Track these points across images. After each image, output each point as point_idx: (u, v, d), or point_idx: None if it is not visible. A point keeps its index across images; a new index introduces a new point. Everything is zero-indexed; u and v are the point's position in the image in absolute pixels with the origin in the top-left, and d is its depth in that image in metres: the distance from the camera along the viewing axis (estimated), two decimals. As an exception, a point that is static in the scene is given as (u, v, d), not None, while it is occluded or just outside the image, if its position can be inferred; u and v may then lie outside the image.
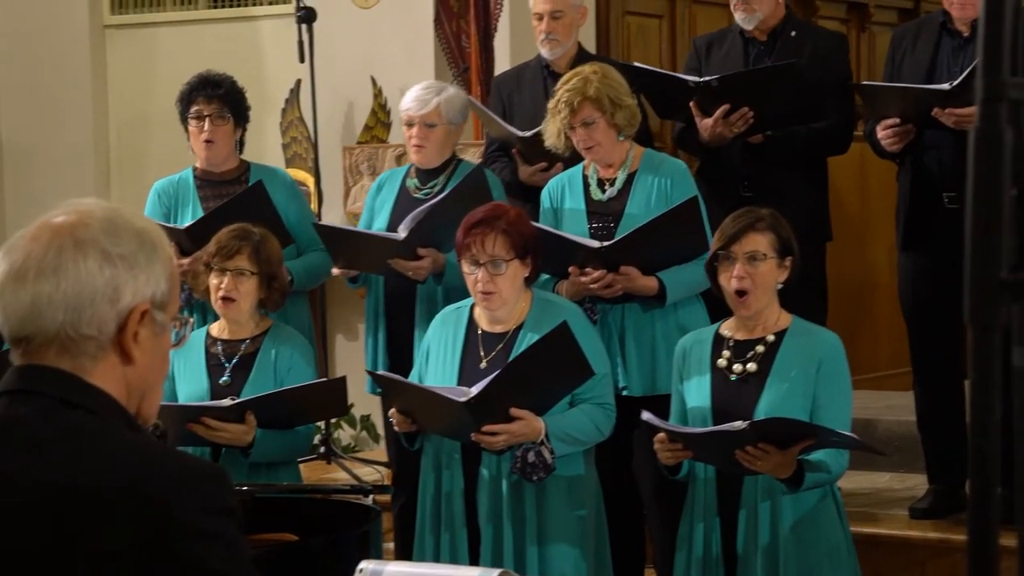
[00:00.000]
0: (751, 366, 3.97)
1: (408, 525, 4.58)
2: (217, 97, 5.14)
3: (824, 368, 3.91)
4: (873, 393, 6.54)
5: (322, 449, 6.03)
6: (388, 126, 6.88)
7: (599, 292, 4.58)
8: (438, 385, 4.15)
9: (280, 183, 5.25)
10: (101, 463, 1.81)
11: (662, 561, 4.65)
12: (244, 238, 4.45)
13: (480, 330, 4.22)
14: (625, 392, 4.60)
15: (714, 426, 3.88)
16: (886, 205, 6.32)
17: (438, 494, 4.18)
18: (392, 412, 4.17)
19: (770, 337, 3.99)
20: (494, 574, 2.82)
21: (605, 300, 4.63)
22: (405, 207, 4.98)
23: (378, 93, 6.86)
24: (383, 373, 4.24)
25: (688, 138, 5.23)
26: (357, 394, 5.43)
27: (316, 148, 6.49)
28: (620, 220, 4.68)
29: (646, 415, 3.96)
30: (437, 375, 4.21)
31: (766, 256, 3.93)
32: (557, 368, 4.04)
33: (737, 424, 3.77)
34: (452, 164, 5.10)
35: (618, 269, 4.54)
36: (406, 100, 5.07)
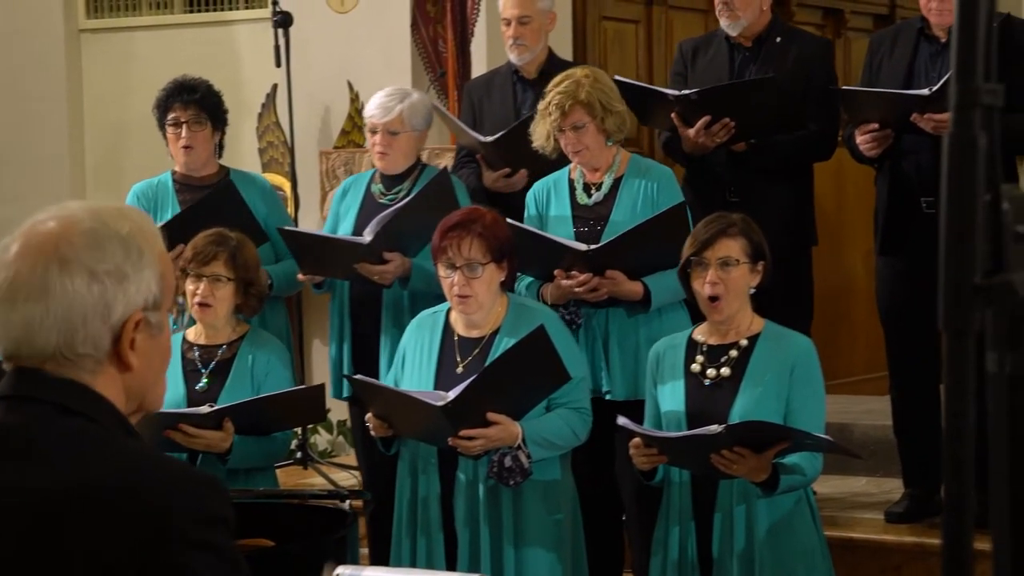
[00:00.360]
0: (725, 371, 3.98)
1: (380, 530, 4.57)
2: (193, 102, 5.13)
3: (797, 372, 3.93)
4: (850, 398, 6.56)
5: (299, 454, 6.02)
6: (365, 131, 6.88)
7: (584, 296, 4.58)
8: (414, 390, 4.15)
9: (259, 189, 5.25)
10: (99, 469, 1.81)
11: (640, 566, 4.66)
12: (221, 244, 4.43)
13: (456, 335, 4.22)
14: (608, 396, 4.61)
15: (689, 430, 3.89)
16: (863, 210, 6.34)
17: (414, 499, 4.17)
18: (369, 417, 4.17)
19: (743, 342, 4.00)
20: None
21: (589, 304, 4.63)
22: (370, 212, 4.98)
23: (355, 98, 6.85)
24: (361, 377, 4.23)
25: (674, 146, 5.24)
26: (334, 399, 5.43)
27: (292, 153, 6.48)
28: (606, 225, 4.69)
29: (622, 420, 3.97)
30: (413, 380, 4.21)
31: (739, 262, 3.94)
32: (534, 372, 4.04)
33: (713, 428, 3.78)
34: (417, 169, 5.11)
35: (604, 273, 4.55)
36: (369, 107, 5.08)
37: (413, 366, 4.23)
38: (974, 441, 1.34)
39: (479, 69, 6.34)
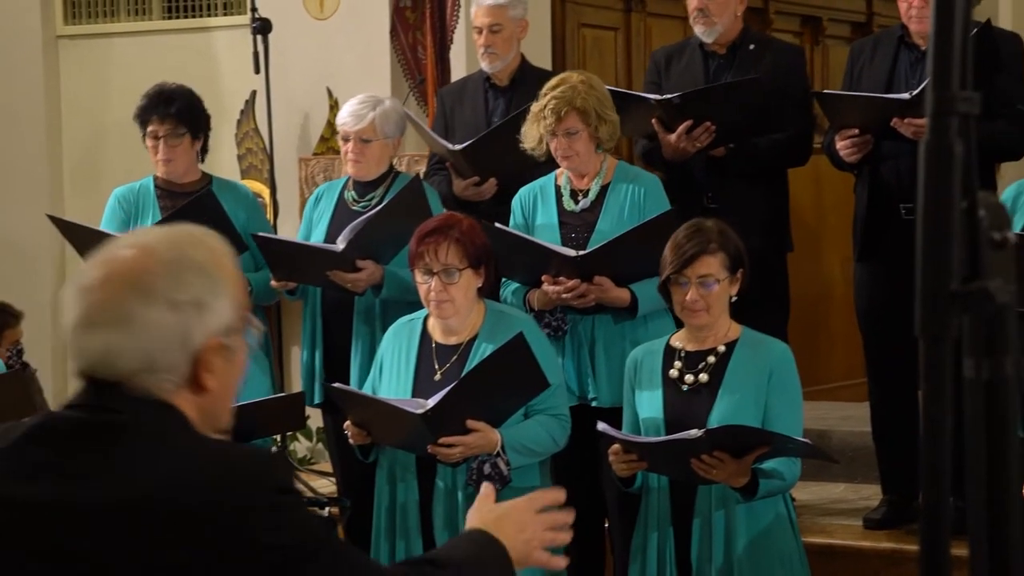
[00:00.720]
0: (703, 376, 3.98)
1: (355, 537, 4.56)
2: (170, 116, 5.11)
3: (775, 378, 3.94)
4: (828, 404, 6.58)
5: (278, 462, 6.00)
6: (344, 138, 6.87)
7: (571, 302, 4.58)
8: (393, 397, 4.15)
9: (241, 198, 5.24)
10: (172, 473, 1.87)
11: (621, 572, 4.65)
12: None
13: (434, 342, 4.21)
14: (595, 403, 4.61)
15: (669, 435, 3.90)
16: (841, 217, 6.36)
17: (393, 506, 4.17)
18: (347, 425, 4.16)
19: (721, 348, 4.00)
20: None
21: (576, 310, 4.64)
22: (343, 219, 4.98)
23: (334, 104, 6.84)
24: (339, 386, 4.23)
25: (654, 155, 5.25)
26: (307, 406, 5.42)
27: (271, 159, 6.47)
28: (592, 232, 4.69)
29: (602, 426, 3.97)
30: (391, 387, 4.20)
31: (719, 280, 3.95)
32: (513, 380, 4.04)
33: (693, 432, 3.78)
34: (390, 177, 5.11)
35: (591, 279, 4.55)
36: (342, 115, 5.09)
37: (391, 373, 4.23)
38: (951, 447, 1.35)
39: (458, 76, 6.34)
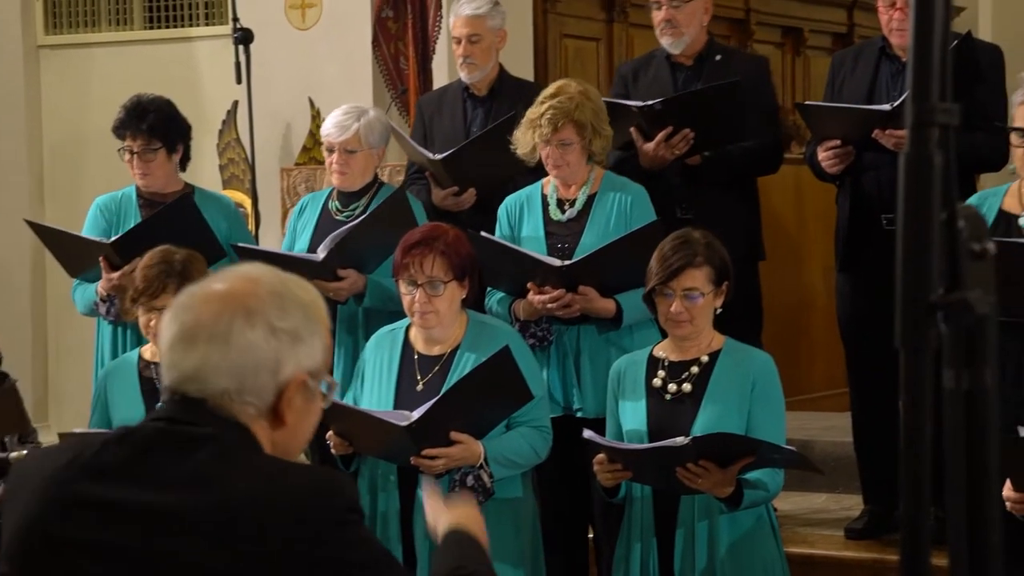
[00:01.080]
0: (686, 386, 3.99)
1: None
2: (142, 131, 5.09)
3: (758, 388, 3.94)
4: (809, 414, 6.59)
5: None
6: (326, 148, 6.86)
7: (556, 312, 4.58)
8: (374, 408, 4.14)
9: (223, 208, 5.22)
10: (248, 486, 1.95)
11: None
12: (168, 273, 4.35)
13: (416, 352, 4.21)
14: (580, 414, 4.61)
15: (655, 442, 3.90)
16: (822, 226, 6.38)
17: (374, 515, 4.16)
18: (329, 435, 4.16)
19: (704, 358, 4.01)
20: None
21: (561, 321, 4.64)
22: (326, 229, 4.97)
23: (316, 114, 6.84)
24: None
25: (625, 164, 5.25)
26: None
27: (253, 169, 6.46)
28: (578, 242, 4.69)
29: (587, 433, 3.97)
30: (373, 397, 4.19)
31: (704, 293, 3.95)
32: (498, 392, 4.04)
33: (679, 440, 3.78)
34: (374, 187, 5.11)
35: (576, 289, 4.55)
36: (326, 126, 5.08)
37: (372, 383, 4.22)
38: (931, 458, 1.35)
39: (440, 86, 6.35)
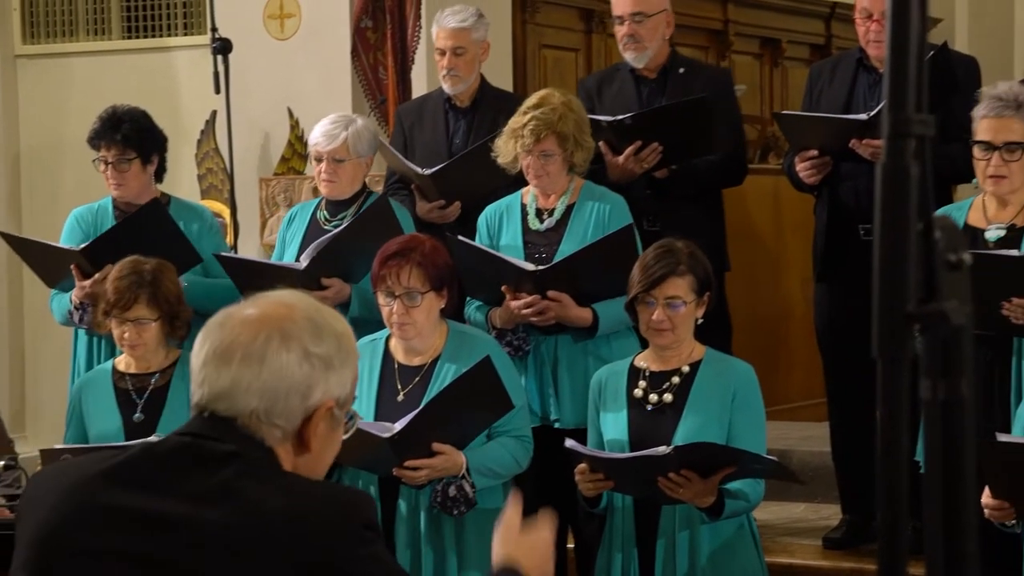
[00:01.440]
0: (667, 396, 3.99)
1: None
2: (116, 142, 5.08)
3: (739, 398, 3.95)
4: (787, 424, 6.60)
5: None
6: (305, 157, 6.86)
7: (531, 318, 4.58)
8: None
9: (196, 217, 5.20)
10: (271, 502, 1.97)
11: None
12: (139, 284, 4.34)
13: (396, 362, 4.20)
14: (557, 424, 4.60)
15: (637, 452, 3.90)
16: (800, 237, 6.39)
17: (355, 527, 4.15)
18: (309, 446, 4.15)
19: (685, 368, 4.01)
20: None
21: (538, 330, 4.63)
22: (315, 239, 4.96)
23: (295, 124, 6.83)
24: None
25: (593, 177, 5.25)
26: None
27: (232, 179, 6.45)
28: (556, 251, 4.70)
29: (570, 442, 3.97)
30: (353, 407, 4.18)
31: (686, 302, 3.96)
32: (479, 403, 4.03)
33: (661, 449, 3.78)
34: (362, 196, 5.10)
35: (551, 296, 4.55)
36: (314, 135, 5.07)
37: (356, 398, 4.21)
38: (908, 469, 1.35)
39: (419, 95, 6.34)
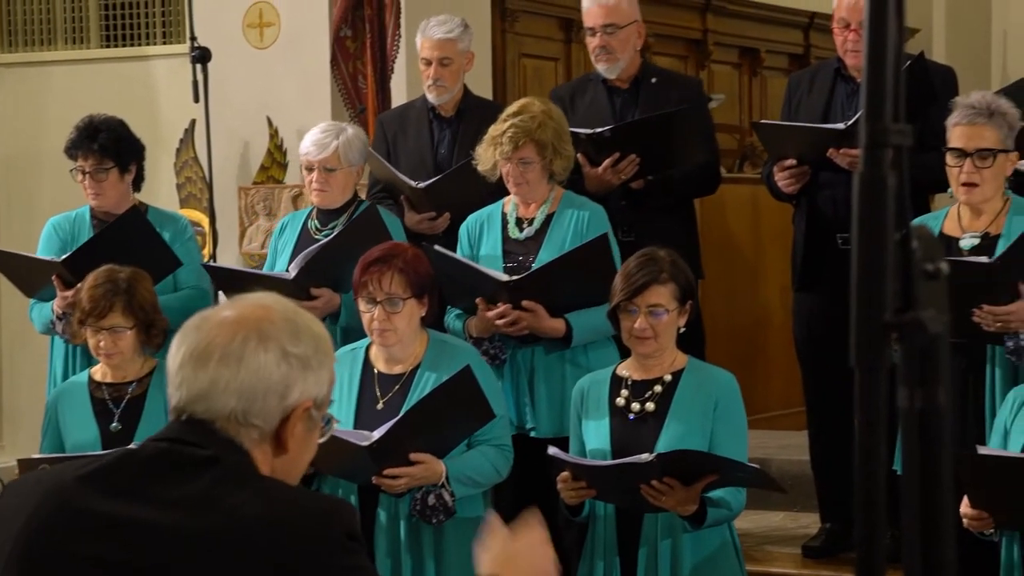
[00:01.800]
0: (649, 405, 3.99)
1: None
2: (93, 152, 5.07)
3: (720, 407, 3.95)
4: (767, 432, 6.60)
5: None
6: (284, 166, 6.85)
7: (504, 329, 4.58)
8: (337, 429, 4.12)
9: (173, 225, 5.19)
10: (250, 509, 1.97)
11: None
12: (114, 292, 4.33)
13: (376, 371, 4.20)
14: (533, 433, 4.60)
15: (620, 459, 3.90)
16: (779, 246, 6.41)
17: (334, 536, 4.14)
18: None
19: (667, 377, 4.02)
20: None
21: (514, 339, 4.63)
22: (306, 249, 4.95)
23: (274, 133, 6.83)
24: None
25: (572, 189, 5.25)
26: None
27: (211, 188, 6.44)
28: (535, 260, 4.70)
29: (552, 450, 3.97)
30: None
31: (668, 310, 3.97)
32: (459, 411, 4.03)
33: (644, 456, 3.79)
34: (353, 204, 5.08)
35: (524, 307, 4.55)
36: (305, 144, 5.04)
37: (332, 403, 4.20)
38: (886, 478, 1.36)
39: (398, 104, 6.34)
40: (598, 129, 5.06)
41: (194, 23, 6.40)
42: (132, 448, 2.11)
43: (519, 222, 4.80)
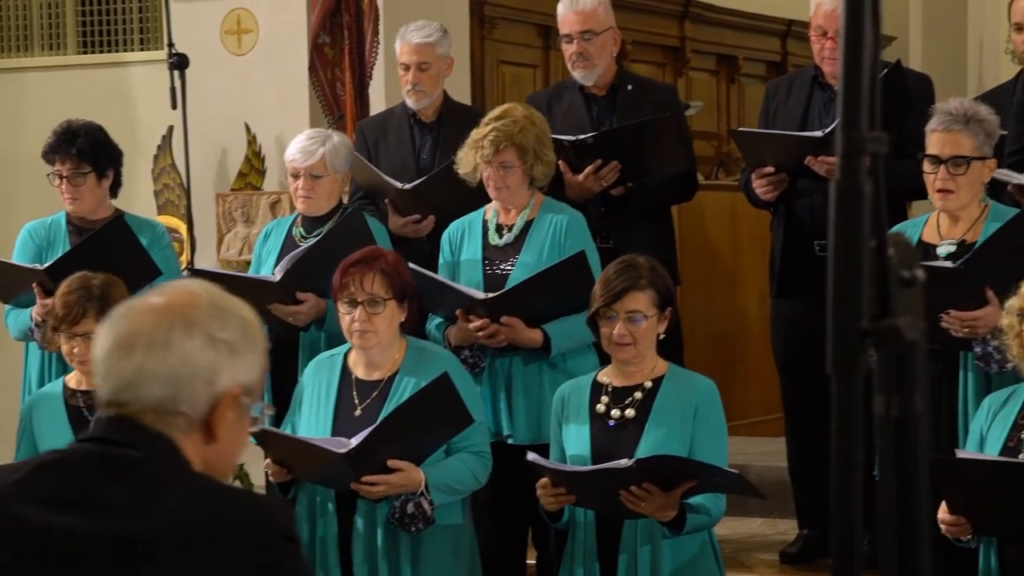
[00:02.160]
0: (629, 412, 4.00)
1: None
2: (71, 156, 5.05)
3: (700, 413, 3.96)
4: (745, 439, 6.61)
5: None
6: (262, 173, 6.84)
7: (483, 341, 4.59)
8: (312, 433, 4.12)
9: (149, 232, 5.17)
10: (184, 509, 1.95)
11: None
12: (88, 299, 4.29)
13: (355, 377, 4.19)
14: (511, 440, 4.60)
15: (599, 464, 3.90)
16: (757, 253, 6.42)
17: (312, 540, 4.13)
18: (267, 463, 4.13)
19: (647, 383, 4.02)
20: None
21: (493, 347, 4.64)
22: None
23: (252, 140, 6.82)
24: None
25: (552, 195, 5.26)
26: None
27: (189, 195, 6.42)
28: (514, 266, 4.70)
29: (532, 456, 3.97)
30: (310, 423, 4.17)
31: (647, 316, 3.97)
32: (437, 418, 4.03)
33: (623, 461, 3.79)
34: (339, 211, 5.08)
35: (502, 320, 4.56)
36: (291, 151, 5.03)
37: (310, 408, 4.20)
38: (862, 484, 1.36)
39: (377, 111, 6.34)
40: (581, 136, 5.07)
41: (172, 29, 6.37)
42: (62, 451, 2.07)
43: (499, 228, 4.80)
